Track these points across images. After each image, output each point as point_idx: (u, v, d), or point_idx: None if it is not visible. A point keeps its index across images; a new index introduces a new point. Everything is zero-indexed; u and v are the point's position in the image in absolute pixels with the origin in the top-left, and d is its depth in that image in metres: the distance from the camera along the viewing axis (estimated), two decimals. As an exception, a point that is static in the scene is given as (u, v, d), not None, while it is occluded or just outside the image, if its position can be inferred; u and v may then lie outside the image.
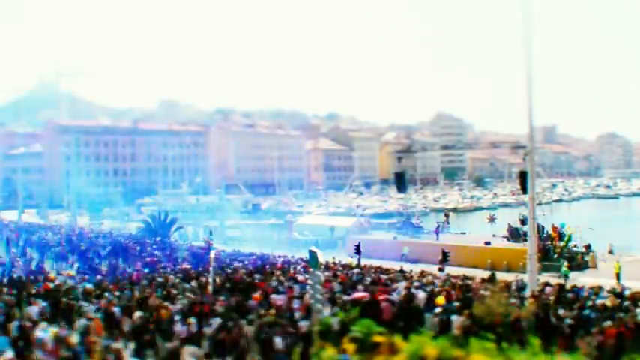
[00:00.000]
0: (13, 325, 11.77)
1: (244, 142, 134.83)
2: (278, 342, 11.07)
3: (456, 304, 14.35)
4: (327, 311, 12.69)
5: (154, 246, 32.75)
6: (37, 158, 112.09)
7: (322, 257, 12.60)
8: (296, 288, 16.70)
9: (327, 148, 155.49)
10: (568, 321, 12.91)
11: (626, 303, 15.26)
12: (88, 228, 46.17)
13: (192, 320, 12.50)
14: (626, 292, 17.58)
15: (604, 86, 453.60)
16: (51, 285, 17.58)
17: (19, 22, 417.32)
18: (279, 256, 28.86)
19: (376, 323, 11.49)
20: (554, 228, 31.99)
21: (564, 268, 26.98)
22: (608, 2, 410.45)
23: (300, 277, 18.88)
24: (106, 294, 15.70)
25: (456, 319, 12.65)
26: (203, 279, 18.28)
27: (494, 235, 35.85)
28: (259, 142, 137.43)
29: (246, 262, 25.85)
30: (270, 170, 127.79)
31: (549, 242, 30.81)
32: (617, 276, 25.01)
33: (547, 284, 19.16)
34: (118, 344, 10.81)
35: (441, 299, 14.96)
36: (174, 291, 16.12)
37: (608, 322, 12.47)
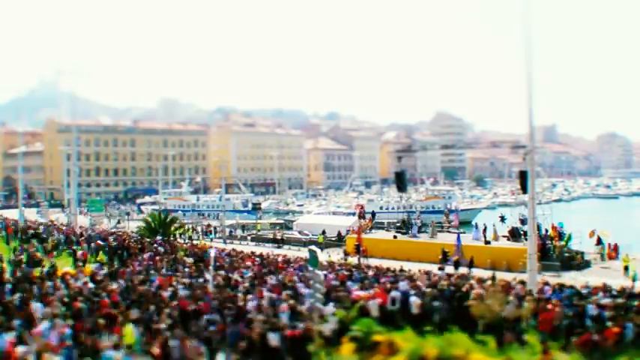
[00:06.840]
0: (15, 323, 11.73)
1: (244, 141, 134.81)
2: (277, 341, 11.04)
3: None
4: (327, 310, 12.68)
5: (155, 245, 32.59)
6: (38, 157, 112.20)
7: (322, 256, 12.60)
8: (296, 288, 16.67)
9: (327, 147, 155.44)
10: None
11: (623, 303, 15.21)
12: (89, 227, 46.13)
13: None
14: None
15: (604, 86, 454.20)
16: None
17: (19, 21, 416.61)
18: (280, 256, 28.78)
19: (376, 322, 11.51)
20: (554, 228, 31.88)
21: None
22: (609, 2, 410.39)
23: (300, 277, 18.84)
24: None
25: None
26: (203, 278, 18.25)
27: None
28: (259, 141, 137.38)
29: (245, 262, 25.76)
30: (270, 170, 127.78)
31: (549, 242, 30.73)
32: None
33: (546, 283, 19.15)
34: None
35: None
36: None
37: (609, 323, 12.47)
